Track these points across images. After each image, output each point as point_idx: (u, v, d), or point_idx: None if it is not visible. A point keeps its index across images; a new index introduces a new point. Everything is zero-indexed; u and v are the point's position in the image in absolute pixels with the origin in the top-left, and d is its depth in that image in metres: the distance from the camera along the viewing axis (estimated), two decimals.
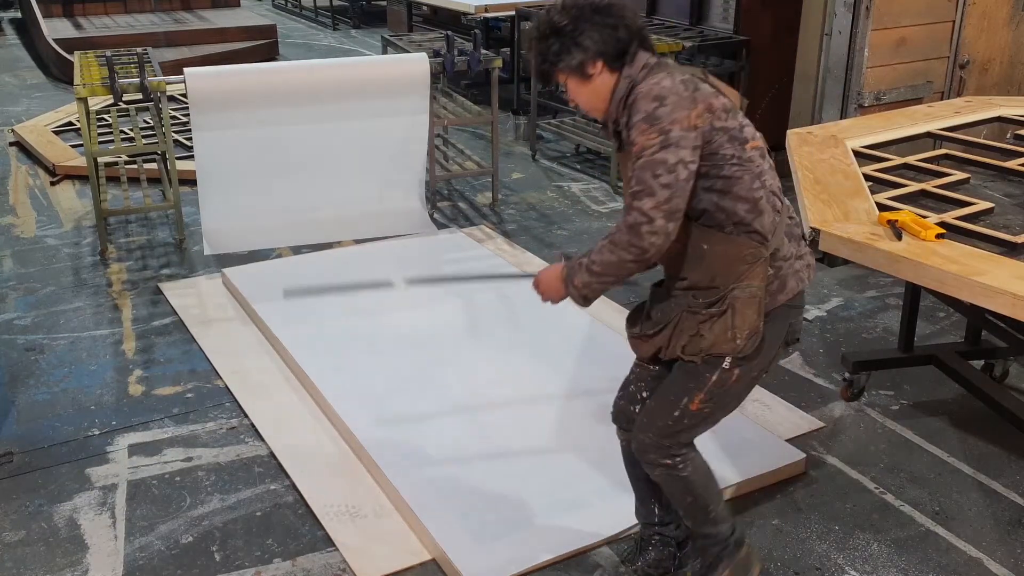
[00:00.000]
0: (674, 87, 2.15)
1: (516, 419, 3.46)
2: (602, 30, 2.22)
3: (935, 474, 3.25)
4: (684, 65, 2.49)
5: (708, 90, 2.20)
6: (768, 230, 2.23)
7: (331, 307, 4.35)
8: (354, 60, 5.61)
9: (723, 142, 2.17)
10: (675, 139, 2.11)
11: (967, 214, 3.03)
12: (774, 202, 2.26)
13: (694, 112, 2.13)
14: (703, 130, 2.14)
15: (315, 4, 13.75)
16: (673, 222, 2.15)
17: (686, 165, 2.12)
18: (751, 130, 2.26)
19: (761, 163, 2.24)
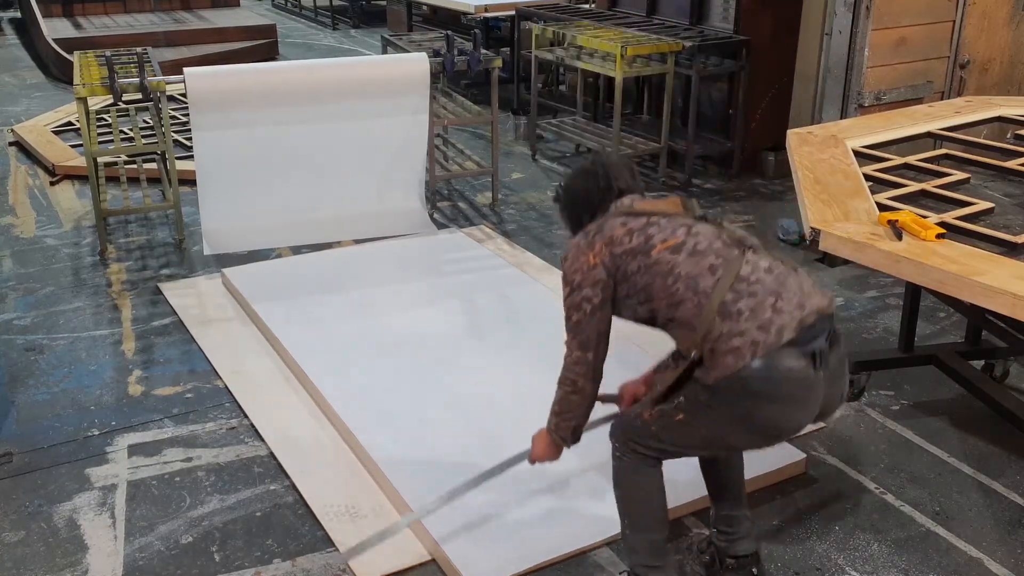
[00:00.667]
0: (576, 241, 2.49)
1: (516, 419, 3.45)
2: (569, 215, 2.66)
3: (935, 474, 3.25)
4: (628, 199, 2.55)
5: (615, 223, 2.43)
6: (691, 317, 2.30)
7: (331, 307, 4.35)
8: (354, 60, 5.61)
9: (628, 261, 2.39)
10: (577, 283, 2.45)
11: (967, 214, 3.03)
12: (695, 287, 2.30)
13: (591, 254, 2.42)
14: (604, 262, 2.41)
15: (315, 4, 13.75)
16: (590, 351, 2.46)
17: (589, 301, 2.43)
18: (665, 233, 2.37)
19: (672, 259, 2.34)
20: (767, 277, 2.30)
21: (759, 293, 2.26)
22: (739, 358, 2.22)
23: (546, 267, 4.87)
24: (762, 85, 6.17)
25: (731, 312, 2.25)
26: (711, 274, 2.29)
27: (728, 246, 2.35)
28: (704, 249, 2.33)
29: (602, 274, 2.40)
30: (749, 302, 2.25)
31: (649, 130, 6.73)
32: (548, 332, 4.10)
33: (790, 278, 2.32)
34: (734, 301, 2.26)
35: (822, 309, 2.30)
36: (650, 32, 6.33)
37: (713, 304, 2.26)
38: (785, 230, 5.26)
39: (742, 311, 2.25)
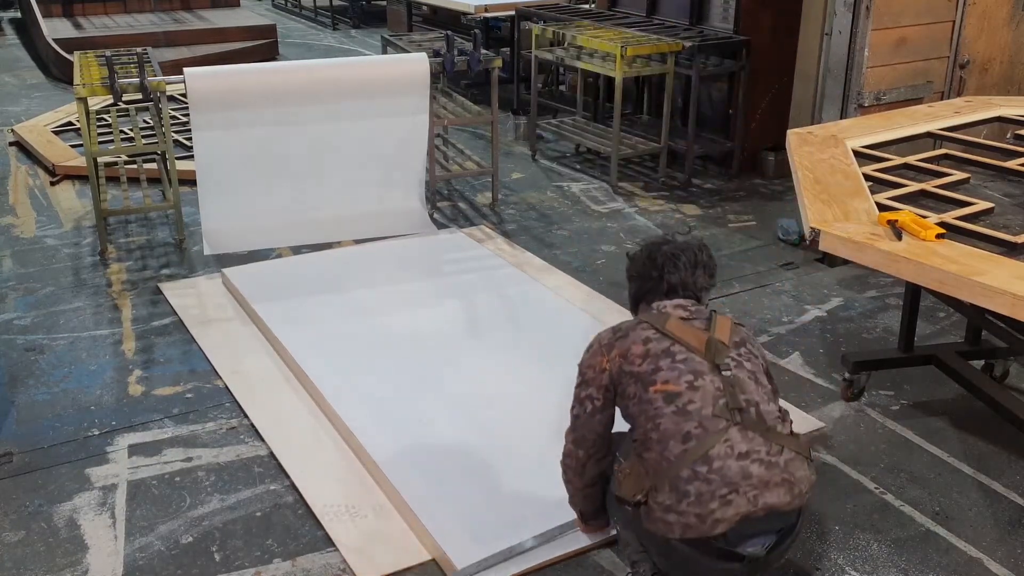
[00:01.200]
0: (602, 335, 2.56)
1: (516, 419, 3.46)
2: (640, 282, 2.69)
3: (935, 474, 3.25)
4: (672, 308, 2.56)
5: (640, 336, 2.47)
6: (650, 466, 2.36)
7: (331, 307, 4.36)
8: (354, 60, 5.60)
9: (628, 383, 2.44)
10: (587, 379, 2.53)
11: (967, 214, 3.03)
12: (664, 447, 2.33)
13: (605, 358, 2.49)
14: (611, 372, 2.48)
15: (315, 4, 13.75)
16: (582, 449, 2.55)
17: (592, 400, 2.51)
18: (673, 374, 2.39)
19: (661, 408, 2.36)
20: (734, 465, 2.28)
21: (714, 482, 2.27)
22: (667, 531, 2.31)
23: (546, 267, 4.87)
24: (762, 85, 6.17)
25: (680, 489, 2.29)
26: (682, 442, 2.31)
27: (717, 416, 2.32)
28: (692, 412, 2.33)
29: (607, 381, 2.49)
30: (700, 487, 2.27)
31: (649, 130, 6.73)
32: (548, 332, 4.12)
33: (757, 468, 2.30)
34: (688, 480, 2.28)
35: (776, 507, 2.30)
36: (650, 32, 6.33)
37: (670, 471, 2.31)
38: (785, 230, 5.27)
39: (689, 493, 2.27)
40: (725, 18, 6.32)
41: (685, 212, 5.75)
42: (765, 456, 2.31)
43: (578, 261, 5.01)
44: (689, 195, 6.05)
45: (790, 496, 2.32)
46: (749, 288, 4.69)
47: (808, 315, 4.41)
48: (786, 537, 2.37)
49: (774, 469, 2.31)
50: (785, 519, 2.35)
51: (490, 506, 2.98)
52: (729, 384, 2.38)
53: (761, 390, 2.43)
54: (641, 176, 6.45)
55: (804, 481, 2.36)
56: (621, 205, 5.86)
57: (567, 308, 4.36)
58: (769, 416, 2.38)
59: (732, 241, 5.30)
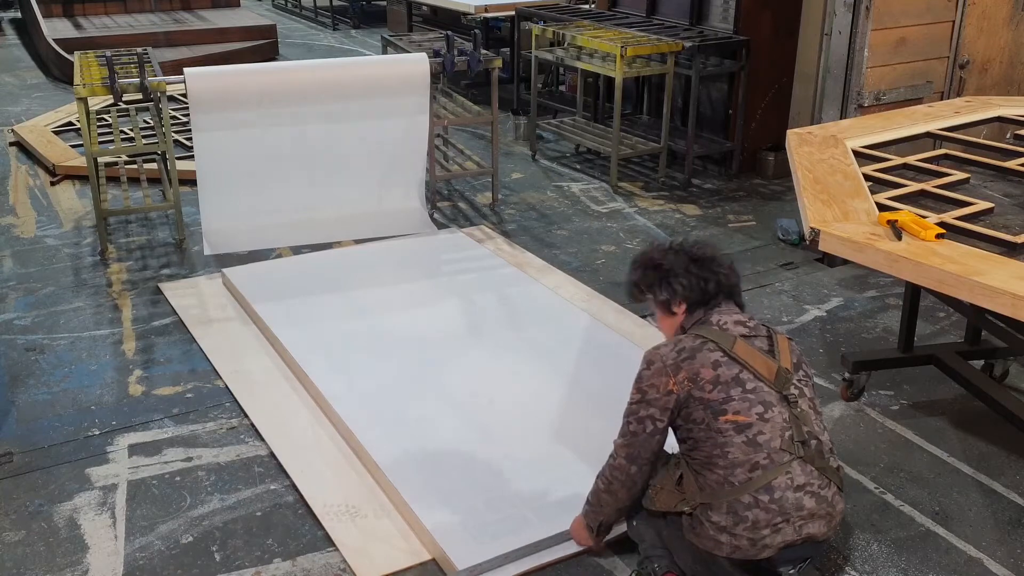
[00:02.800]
0: (665, 354, 2.48)
1: (516, 419, 3.46)
2: (692, 279, 2.58)
3: (935, 474, 3.25)
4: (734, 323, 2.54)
5: (709, 358, 2.43)
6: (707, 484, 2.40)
7: (331, 307, 4.36)
8: (354, 60, 5.61)
9: (696, 408, 2.42)
10: (649, 399, 2.47)
11: (967, 214, 3.03)
12: (730, 474, 2.38)
13: (672, 380, 2.44)
14: (679, 396, 2.44)
15: (315, 4, 13.75)
16: (635, 465, 2.51)
17: (653, 421, 2.46)
18: (743, 404, 2.40)
19: (731, 436, 2.38)
20: (791, 496, 2.37)
21: (772, 511, 2.36)
22: (716, 549, 2.39)
23: (546, 267, 4.88)
24: (762, 85, 6.17)
25: (738, 513, 2.36)
26: (749, 471, 2.37)
27: (783, 450, 2.38)
28: (762, 443, 2.38)
29: (672, 404, 2.45)
30: (758, 515, 2.35)
31: (649, 130, 6.73)
32: (548, 332, 4.12)
33: (809, 500, 2.40)
34: (748, 507, 2.36)
35: (815, 537, 2.42)
36: (650, 32, 6.33)
37: (731, 495, 2.36)
38: (785, 230, 5.27)
39: (747, 519, 2.36)
40: (725, 18, 6.32)
41: (685, 212, 5.75)
42: (817, 489, 2.41)
43: (578, 261, 5.01)
44: (689, 195, 6.05)
45: (827, 528, 2.45)
46: (749, 288, 4.69)
47: (808, 315, 4.41)
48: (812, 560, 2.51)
49: (823, 503, 2.42)
50: (817, 547, 2.49)
51: (490, 506, 2.98)
52: (796, 418, 2.43)
53: (819, 420, 2.52)
54: (641, 176, 6.45)
55: (840, 514, 2.49)
56: (621, 205, 5.87)
57: (567, 308, 4.36)
58: (825, 448, 2.47)
59: (732, 241, 5.30)
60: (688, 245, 2.67)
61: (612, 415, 3.43)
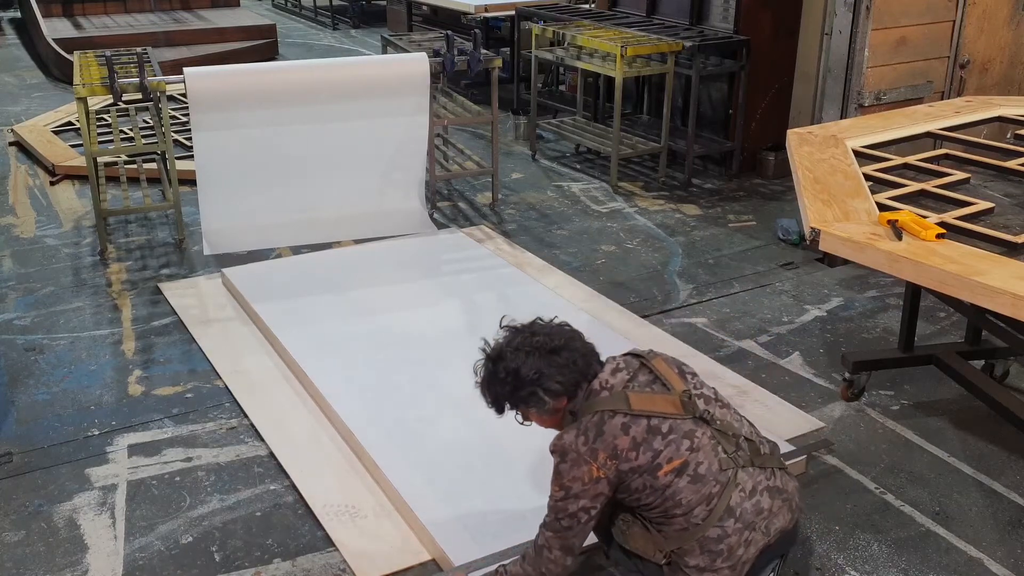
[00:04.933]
0: (573, 442, 2.33)
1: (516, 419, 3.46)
2: (565, 372, 2.41)
3: (935, 474, 3.25)
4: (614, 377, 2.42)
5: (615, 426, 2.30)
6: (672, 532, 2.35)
7: (331, 307, 4.35)
8: (354, 60, 5.60)
9: (632, 478, 2.33)
10: (576, 492, 2.33)
11: (967, 214, 3.03)
12: (690, 515, 2.32)
13: (594, 466, 2.31)
14: (608, 479, 2.32)
15: (315, 4, 13.75)
16: (571, 557, 2.41)
17: (587, 511, 2.35)
18: (671, 449, 2.31)
19: (676, 483, 2.31)
20: (749, 505, 2.34)
21: (739, 531, 2.32)
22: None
23: (546, 267, 4.87)
24: (762, 85, 6.17)
25: (712, 550, 2.31)
26: (707, 505, 2.32)
27: (724, 469, 2.34)
28: (704, 473, 2.33)
29: (605, 488, 2.34)
30: (730, 542, 2.31)
31: (649, 130, 6.73)
32: None
33: (765, 499, 2.36)
34: (718, 540, 2.31)
35: (785, 528, 2.41)
36: (650, 32, 6.33)
37: (698, 534, 2.32)
38: (785, 230, 5.27)
39: (722, 552, 2.31)
40: (725, 18, 6.32)
41: (685, 212, 5.75)
42: (766, 483, 2.39)
43: (578, 261, 5.01)
44: (689, 195, 6.05)
45: (790, 513, 2.42)
46: (749, 288, 4.69)
47: (808, 315, 4.41)
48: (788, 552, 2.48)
49: (776, 493, 2.39)
50: (791, 537, 2.46)
51: (490, 506, 2.98)
52: (719, 430, 2.38)
53: (732, 412, 2.47)
54: (641, 176, 6.45)
55: (795, 492, 2.45)
56: (621, 205, 5.86)
57: (567, 308, 4.36)
58: (753, 438, 2.43)
59: (732, 241, 5.30)
60: (532, 339, 2.47)
61: None
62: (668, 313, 4.40)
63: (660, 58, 6.18)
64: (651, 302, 4.52)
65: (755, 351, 4.08)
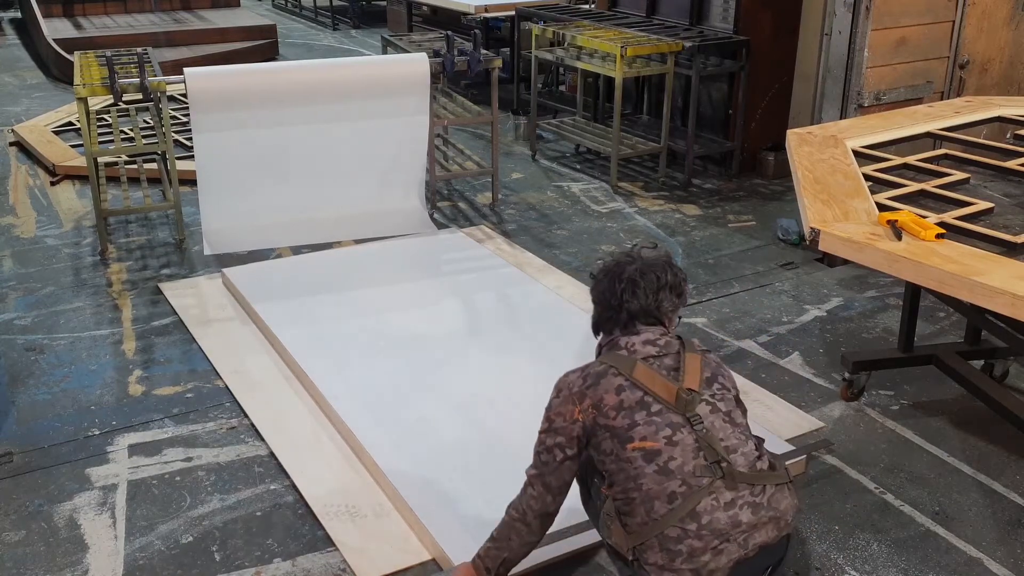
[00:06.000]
0: (572, 381, 2.43)
1: (516, 419, 3.46)
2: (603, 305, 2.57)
3: (935, 474, 3.25)
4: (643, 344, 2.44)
5: (612, 383, 2.35)
6: (634, 525, 2.30)
7: (331, 307, 4.36)
8: (354, 60, 5.61)
9: (604, 437, 2.34)
10: (556, 427, 2.41)
11: (967, 214, 3.03)
12: (649, 508, 2.26)
13: (578, 408, 2.38)
14: (584, 423, 2.38)
15: (315, 4, 13.75)
16: (551, 495, 2.44)
17: (562, 449, 2.40)
18: (650, 429, 2.29)
19: (641, 467, 2.27)
20: (723, 516, 2.25)
21: (704, 536, 2.23)
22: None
23: (546, 267, 4.88)
24: (762, 85, 6.17)
25: (670, 549, 2.24)
26: (668, 502, 2.25)
27: (698, 475, 2.26)
28: (674, 469, 2.26)
29: (579, 431, 2.38)
30: (692, 544, 2.23)
31: (649, 130, 6.73)
32: (548, 332, 4.12)
33: (745, 513, 2.27)
34: (678, 539, 2.23)
35: (767, 544, 2.30)
36: (650, 32, 6.33)
37: (655, 530, 2.25)
38: (785, 230, 5.27)
39: (681, 552, 2.23)
40: (725, 18, 6.32)
41: (685, 212, 5.75)
42: (750, 498, 2.28)
43: (578, 261, 5.01)
44: (689, 195, 6.05)
45: (777, 530, 2.32)
46: (749, 288, 4.69)
47: (808, 315, 4.41)
48: (777, 568, 2.38)
49: (760, 510, 2.29)
50: (775, 553, 2.35)
51: (490, 506, 2.98)
52: (705, 440, 2.30)
53: (737, 431, 2.37)
54: (641, 176, 6.45)
55: (789, 511, 2.34)
56: (621, 205, 5.87)
57: (567, 308, 4.36)
58: (748, 458, 2.33)
59: (732, 241, 5.30)
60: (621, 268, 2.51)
61: None
62: None
63: (660, 58, 6.18)
64: None
65: (755, 351, 4.08)
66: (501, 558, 2.52)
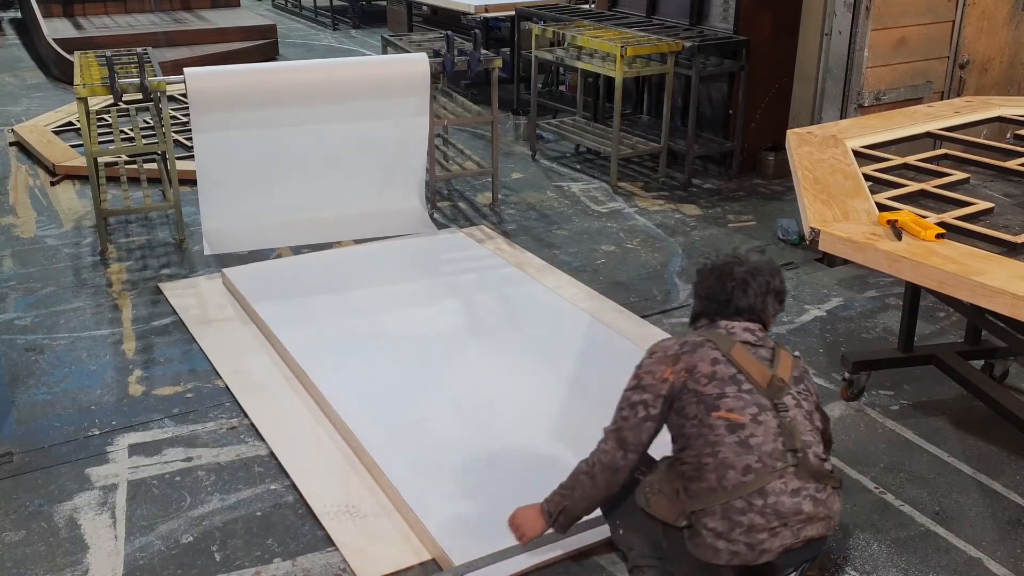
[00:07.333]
0: (668, 345, 2.53)
1: (516, 419, 3.47)
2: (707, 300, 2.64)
3: (935, 474, 3.25)
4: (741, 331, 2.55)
5: (708, 354, 2.45)
6: (700, 491, 2.37)
7: (331, 307, 4.36)
8: (354, 60, 5.61)
9: (691, 401, 2.42)
10: (645, 384, 2.48)
11: (967, 214, 3.03)
12: (722, 476, 2.34)
13: (670, 369, 2.46)
14: (674, 384, 2.45)
15: (315, 4, 13.75)
16: (622, 450, 2.49)
17: (646, 407, 2.46)
18: (737, 403, 2.39)
19: (723, 436, 2.36)
20: (788, 501, 2.34)
21: (768, 515, 2.32)
22: (715, 558, 2.34)
23: (546, 267, 4.88)
24: (762, 85, 6.17)
25: (733, 519, 2.33)
26: (742, 474, 2.34)
27: (775, 457, 2.35)
28: (754, 446, 2.36)
29: (667, 391, 2.45)
30: (754, 519, 2.32)
31: (649, 130, 6.73)
32: (547, 332, 4.12)
33: (807, 504, 2.36)
34: (742, 511, 2.32)
35: (813, 539, 2.38)
36: (650, 32, 6.33)
37: (723, 498, 2.34)
38: (785, 230, 5.27)
39: (743, 524, 2.32)
40: (725, 18, 6.32)
41: (685, 212, 5.75)
42: (814, 493, 2.38)
43: (578, 261, 5.01)
44: (689, 195, 6.05)
45: (826, 529, 2.42)
46: None
47: (808, 315, 4.41)
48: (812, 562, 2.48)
49: (820, 506, 2.39)
50: (816, 548, 2.45)
51: (490, 506, 2.98)
52: (787, 427, 2.40)
53: (814, 433, 2.48)
54: (641, 176, 6.45)
55: (837, 514, 2.46)
56: (621, 205, 5.87)
57: (567, 308, 4.36)
58: (819, 457, 2.44)
59: (732, 241, 5.30)
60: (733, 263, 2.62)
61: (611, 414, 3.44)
62: (668, 313, 4.40)
63: (660, 58, 6.18)
64: (651, 302, 4.52)
65: None
66: (562, 506, 2.61)
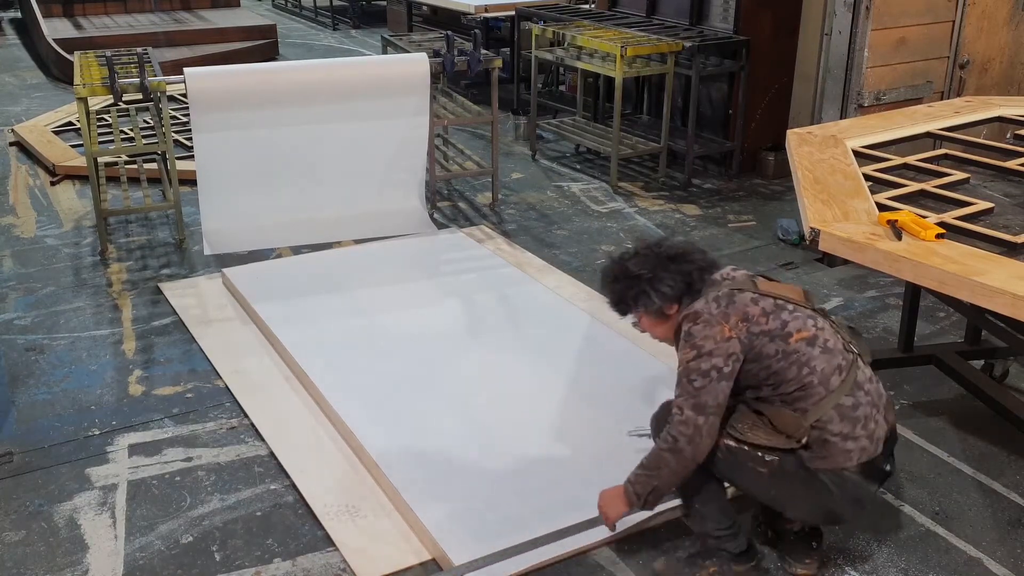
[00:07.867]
0: (705, 307, 2.49)
1: (516, 419, 3.47)
2: (677, 277, 2.57)
3: (935, 474, 3.25)
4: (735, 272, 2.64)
5: (745, 297, 2.49)
6: (811, 406, 2.46)
7: (331, 307, 4.36)
8: (354, 60, 5.61)
9: (764, 343, 2.45)
10: (708, 350, 2.44)
11: (967, 214, 3.03)
12: (827, 383, 2.46)
13: (726, 327, 2.44)
14: (740, 338, 2.44)
15: (315, 4, 13.75)
16: (703, 416, 2.44)
17: (719, 370, 2.43)
18: (799, 322, 2.48)
19: (809, 351, 2.46)
20: (872, 387, 2.53)
21: (868, 404, 2.48)
22: (847, 460, 2.45)
23: (546, 267, 4.88)
24: (762, 85, 6.17)
25: (849, 416, 2.45)
26: (838, 374, 2.47)
27: (846, 351, 2.53)
28: (833, 348, 2.49)
29: (736, 348, 2.45)
30: (865, 411, 2.47)
31: (649, 130, 6.73)
32: (548, 331, 4.12)
33: (881, 388, 2.57)
34: (853, 407, 2.46)
35: (893, 424, 2.58)
36: (650, 32, 6.33)
37: (834, 401, 2.45)
38: (785, 230, 5.27)
39: (859, 418, 2.46)
40: (725, 18, 6.32)
41: (685, 212, 5.75)
42: (876, 379, 2.58)
43: (578, 261, 5.01)
44: (689, 195, 6.05)
45: (893, 413, 2.59)
46: None
47: None
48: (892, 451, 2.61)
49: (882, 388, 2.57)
50: (895, 436, 2.60)
51: (490, 506, 2.98)
52: (837, 325, 2.58)
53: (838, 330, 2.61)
54: (641, 176, 6.45)
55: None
56: (621, 205, 5.87)
57: (567, 307, 4.36)
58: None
59: (732, 241, 5.30)
60: (655, 246, 2.65)
61: (612, 414, 3.45)
62: None
63: (660, 58, 6.18)
64: None
65: None
66: (651, 486, 2.55)
